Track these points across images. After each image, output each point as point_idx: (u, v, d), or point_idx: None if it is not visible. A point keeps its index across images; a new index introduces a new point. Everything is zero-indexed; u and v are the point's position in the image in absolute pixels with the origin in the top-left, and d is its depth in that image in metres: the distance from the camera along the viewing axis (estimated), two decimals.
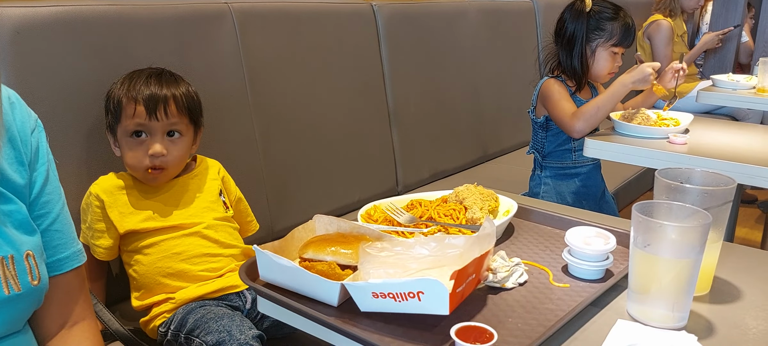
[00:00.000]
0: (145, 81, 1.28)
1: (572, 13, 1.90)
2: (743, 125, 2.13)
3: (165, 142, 1.28)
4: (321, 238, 0.92)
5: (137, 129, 1.26)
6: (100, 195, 1.28)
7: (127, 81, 1.29)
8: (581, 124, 1.80)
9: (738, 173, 1.54)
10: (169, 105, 1.27)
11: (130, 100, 1.26)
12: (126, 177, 1.32)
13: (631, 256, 0.83)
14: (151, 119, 1.26)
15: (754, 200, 3.83)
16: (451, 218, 1.09)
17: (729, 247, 1.09)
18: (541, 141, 2.00)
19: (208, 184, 1.38)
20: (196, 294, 1.27)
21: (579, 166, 1.98)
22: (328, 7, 2.01)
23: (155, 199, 1.31)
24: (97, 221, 1.28)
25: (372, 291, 0.79)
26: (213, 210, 1.35)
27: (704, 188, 0.87)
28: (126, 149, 1.28)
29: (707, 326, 0.84)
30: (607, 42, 1.88)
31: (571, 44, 1.90)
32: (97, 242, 1.29)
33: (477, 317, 0.84)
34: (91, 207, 1.29)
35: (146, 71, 1.32)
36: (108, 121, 1.32)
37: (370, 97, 2.17)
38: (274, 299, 0.86)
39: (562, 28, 1.92)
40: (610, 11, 1.88)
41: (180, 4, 1.59)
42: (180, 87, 1.32)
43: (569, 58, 1.90)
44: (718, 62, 3.94)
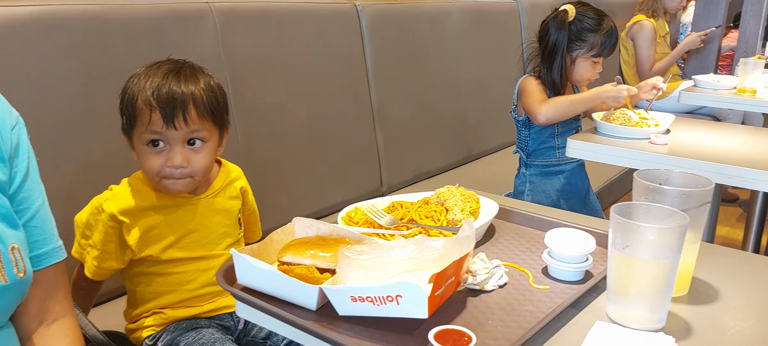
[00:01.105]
0: (162, 79, 1.12)
1: (555, 23, 1.90)
2: (724, 126, 2.15)
3: (186, 151, 1.13)
4: (300, 241, 0.91)
5: (154, 139, 1.13)
6: (118, 216, 1.15)
7: (142, 78, 1.13)
8: (550, 110, 1.81)
9: (718, 173, 1.56)
10: (189, 111, 1.11)
11: (145, 105, 1.10)
12: (143, 189, 1.19)
13: (610, 257, 0.83)
14: (169, 128, 1.11)
15: (736, 199, 3.87)
16: (432, 220, 1.09)
17: (708, 247, 1.10)
18: (524, 139, 2.01)
19: (229, 205, 1.26)
20: (189, 314, 1.22)
21: (563, 164, 1.99)
22: (311, 7, 2.00)
23: (175, 220, 1.19)
24: (108, 242, 1.16)
25: (350, 295, 0.79)
26: (229, 235, 1.25)
27: (682, 189, 0.87)
28: (142, 158, 1.15)
29: (685, 327, 0.84)
30: (587, 53, 1.88)
31: (552, 56, 1.90)
32: (104, 265, 1.17)
33: (456, 319, 0.84)
34: (103, 226, 1.15)
35: (165, 66, 1.15)
36: (123, 123, 1.17)
37: (354, 98, 2.17)
38: (252, 303, 0.85)
39: (545, 36, 1.93)
40: (593, 22, 1.88)
41: (160, 3, 1.57)
42: (200, 83, 1.15)
43: (550, 70, 1.91)
44: (699, 63, 3.98)
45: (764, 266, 1.06)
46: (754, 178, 1.52)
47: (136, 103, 1.12)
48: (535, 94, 1.87)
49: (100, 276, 1.20)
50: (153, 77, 1.12)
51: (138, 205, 1.17)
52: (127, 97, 1.14)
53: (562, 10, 1.91)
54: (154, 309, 1.22)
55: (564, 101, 1.83)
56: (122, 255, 1.18)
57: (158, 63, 1.17)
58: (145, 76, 1.13)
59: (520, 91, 1.94)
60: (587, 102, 1.84)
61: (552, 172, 2.01)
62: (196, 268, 1.21)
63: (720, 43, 4.01)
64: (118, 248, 1.17)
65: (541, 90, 1.89)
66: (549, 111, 1.81)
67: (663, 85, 1.93)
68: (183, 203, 1.20)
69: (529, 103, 1.86)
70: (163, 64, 1.16)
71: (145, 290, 1.22)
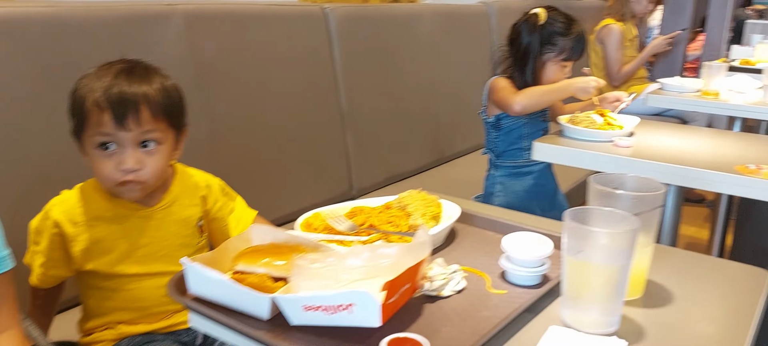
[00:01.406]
0: (112, 79, 1.06)
1: (527, 26, 1.92)
2: (687, 129, 2.18)
3: (138, 154, 1.08)
4: (254, 249, 0.90)
5: (104, 141, 1.07)
6: (61, 224, 1.11)
7: (92, 78, 1.08)
8: (524, 98, 1.83)
9: (679, 175, 1.57)
10: (141, 111, 1.06)
11: (94, 106, 1.05)
12: (94, 197, 1.14)
13: (563, 262, 0.84)
14: (119, 129, 1.05)
15: (702, 200, 3.93)
16: (393, 225, 1.08)
17: (664, 250, 1.11)
18: (494, 141, 2.02)
19: (187, 213, 1.20)
20: (144, 329, 1.18)
21: (532, 165, 2.00)
22: (278, 10, 1.98)
23: (126, 232, 1.14)
24: (53, 249, 1.12)
25: (303, 304, 0.78)
26: (188, 246, 1.20)
27: (634, 194, 0.88)
28: (94, 162, 1.09)
29: (638, 331, 0.84)
30: (557, 56, 1.91)
31: (525, 59, 1.92)
32: (49, 272, 1.14)
33: (411, 327, 0.84)
34: (48, 233, 1.12)
35: (117, 65, 1.10)
36: (72, 126, 1.11)
37: (322, 100, 2.16)
38: (204, 314, 0.84)
39: (517, 39, 1.94)
40: (562, 26, 1.90)
41: (122, 5, 1.55)
42: (154, 83, 1.09)
43: (522, 72, 1.93)
44: (667, 65, 4.04)
45: (719, 267, 1.08)
46: (715, 180, 1.54)
47: (85, 104, 1.06)
48: (508, 88, 1.90)
49: (47, 283, 1.17)
50: (104, 77, 1.07)
51: (86, 213, 1.12)
52: (76, 99, 1.09)
53: (533, 14, 1.93)
54: (108, 323, 1.18)
55: (537, 90, 1.86)
56: (69, 264, 1.14)
57: (111, 63, 1.11)
58: (95, 77, 1.08)
59: (491, 90, 1.95)
60: (558, 92, 1.86)
61: (521, 173, 2.02)
62: (152, 284, 1.16)
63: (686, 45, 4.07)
64: (64, 257, 1.14)
65: (511, 85, 1.91)
66: (524, 99, 1.83)
67: (627, 98, 1.96)
68: (134, 214, 1.15)
69: (503, 96, 1.87)
70: (115, 64, 1.11)
71: (98, 304, 1.18)
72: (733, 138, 1.96)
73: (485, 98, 2.00)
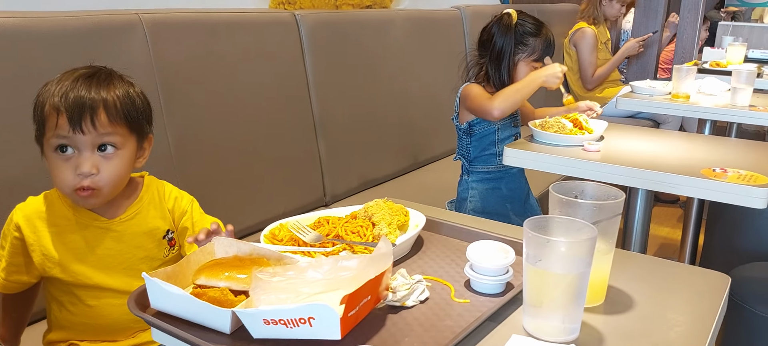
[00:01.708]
0: (72, 83, 1.06)
1: (501, 27, 1.94)
2: (656, 132, 2.21)
3: (95, 158, 1.07)
4: (216, 262, 0.90)
5: (61, 143, 1.06)
6: (22, 228, 1.10)
7: (53, 83, 1.08)
8: (500, 102, 1.84)
9: (647, 179, 1.59)
10: (98, 114, 1.05)
11: (52, 109, 1.05)
12: (56, 204, 1.14)
13: (524, 271, 0.84)
14: (76, 132, 1.04)
15: (676, 200, 3.98)
16: (358, 235, 1.08)
17: (627, 256, 1.12)
18: (466, 147, 2.03)
19: (152, 225, 1.18)
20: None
21: (504, 170, 2.02)
22: (247, 17, 1.98)
23: (85, 239, 1.13)
24: (15, 254, 1.12)
25: (263, 318, 0.78)
26: (152, 259, 1.18)
27: (594, 202, 0.89)
28: (51, 167, 1.08)
29: (598, 338, 0.85)
30: (528, 57, 1.94)
31: (500, 59, 1.95)
32: (11, 277, 1.14)
33: (374, 338, 0.84)
34: (10, 236, 1.12)
35: (80, 71, 1.10)
36: (35, 131, 1.10)
37: (294, 107, 2.15)
38: (165, 329, 0.83)
39: (490, 40, 1.96)
40: (533, 27, 1.94)
41: (86, 14, 1.53)
42: (116, 89, 1.08)
43: (498, 71, 1.95)
44: (640, 68, 4.09)
45: (681, 273, 1.09)
46: (681, 183, 1.56)
47: (44, 108, 1.06)
48: (482, 95, 1.91)
49: (9, 289, 1.16)
50: (64, 82, 1.07)
51: (47, 219, 1.12)
52: (37, 103, 1.08)
53: (506, 14, 1.95)
54: (70, 339, 1.17)
55: (511, 90, 1.87)
56: (31, 270, 1.14)
57: (75, 69, 1.11)
58: (57, 82, 1.08)
59: (463, 97, 1.96)
60: (529, 85, 1.88)
61: (493, 178, 2.03)
62: (114, 302, 1.15)
63: (659, 48, 4.12)
64: (25, 262, 1.13)
65: (484, 91, 1.92)
66: (500, 103, 1.85)
67: (599, 109, 1.99)
68: (94, 223, 1.14)
69: (479, 104, 1.89)
70: (78, 70, 1.10)
71: (60, 317, 1.17)
72: (702, 141, 1.99)
73: (457, 105, 2.01)
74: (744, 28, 4.50)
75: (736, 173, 1.54)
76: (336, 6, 2.52)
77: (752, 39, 4.29)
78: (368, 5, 2.66)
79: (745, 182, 1.46)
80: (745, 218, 2.46)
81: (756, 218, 2.42)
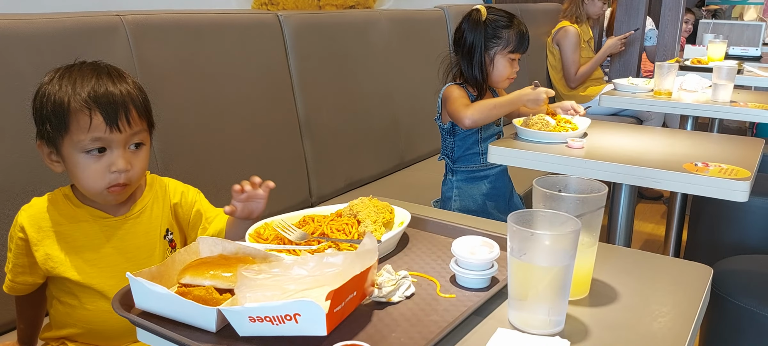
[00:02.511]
0: (94, 81, 1.04)
1: (470, 23, 1.96)
2: (639, 128, 2.23)
3: (127, 154, 1.07)
4: (201, 261, 0.89)
5: (98, 145, 1.05)
6: (26, 229, 1.09)
7: (65, 81, 1.04)
8: (475, 113, 1.85)
9: (630, 174, 1.61)
10: (130, 111, 1.05)
11: (82, 109, 1.02)
12: (62, 204, 1.12)
13: (509, 265, 0.85)
14: (113, 131, 1.04)
15: (660, 197, 4.02)
16: (343, 233, 1.08)
17: (611, 249, 1.13)
18: (449, 146, 2.04)
19: (155, 223, 1.18)
20: None
21: (487, 169, 2.03)
22: (231, 18, 1.97)
23: (90, 239, 1.12)
24: (19, 254, 1.11)
25: (249, 315, 0.77)
26: (155, 261, 1.16)
27: (577, 196, 0.89)
28: (79, 168, 1.06)
29: (582, 330, 0.86)
30: (504, 49, 1.94)
31: (471, 54, 1.96)
32: (17, 279, 1.13)
33: (360, 334, 0.84)
34: (15, 237, 1.11)
35: (85, 68, 1.07)
36: (43, 132, 1.07)
37: (279, 108, 2.15)
38: (150, 329, 0.83)
39: (461, 38, 1.97)
40: (505, 20, 1.95)
41: (67, 16, 1.52)
42: (130, 83, 1.09)
43: (470, 67, 1.96)
44: (622, 66, 4.12)
45: (664, 265, 1.10)
46: (664, 178, 1.57)
47: (68, 107, 1.03)
48: (460, 100, 1.91)
49: (17, 291, 1.14)
50: (79, 79, 1.04)
51: (51, 219, 1.10)
52: (50, 103, 1.04)
53: (474, 10, 1.97)
54: (64, 338, 1.16)
55: (488, 104, 1.88)
56: (35, 270, 1.12)
57: (70, 66, 1.08)
58: (67, 79, 1.05)
59: (444, 99, 1.97)
60: (509, 105, 1.89)
61: (477, 177, 2.04)
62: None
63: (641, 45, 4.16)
64: (30, 263, 1.11)
65: (464, 96, 1.93)
66: (474, 114, 1.85)
67: (582, 109, 2.01)
68: (100, 222, 1.13)
69: (454, 109, 1.89)
70: (81, 66, 1.08)
71: (58, 314, 1.16)
72: (684, 137, 2.01)
73: (439, 105, 2.01)
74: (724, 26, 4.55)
75: (717, 166, 1.56)
76: (319, 6, 2.52)
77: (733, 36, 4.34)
78: (351, 5, 2.66)
79: (727, 176, 1.48)
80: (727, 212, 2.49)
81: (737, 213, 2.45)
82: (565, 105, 2.03)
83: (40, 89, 1.07)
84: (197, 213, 1.24)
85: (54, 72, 1.08)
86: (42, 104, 1.06)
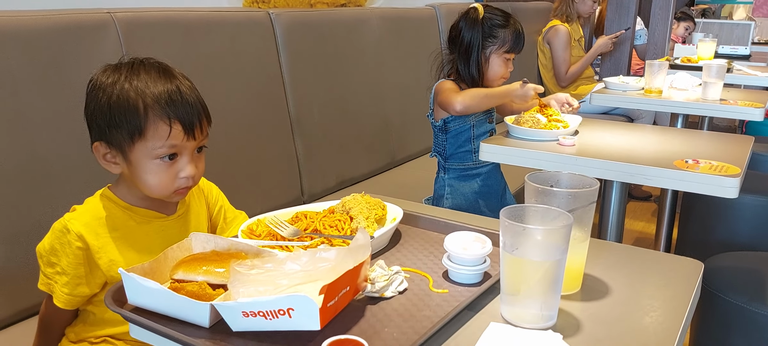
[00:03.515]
0: (168, 85, 1.04)
1: (467, 21, 1.96)
2: (630, 126, 2.24)
3: (196, 159, 1.10)
4: (193, 257, 0.89)
5: (173, 153, 1.06)
6: (85, 236, 1.06)
7: (136, 83, 1.03)
8: (466, 98, 1.85)
9: (621, 171, 1.62)
10: (202, 119, 1.08)
11: (163, 116, 1.02)
12: (110, 208, 1.10)
13: (502, 259, 0.85)
14: (188, 139, 1.06)
15: (649, 197, 4.04)
16: (336, 229, 1.08)
17: (603, 245, 1.14)
18: (442, 144, 2.04)
19: (201, 218, 1.21)
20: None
21: (480, 167, 2.03)
22: (222, 16, 1.96)
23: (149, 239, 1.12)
24: (78, 265, 1.06)
25: (242, 310, 0.77)
26: None
27: (569, 191, 0.90)
28: (148, 173, 1.06)
29: (574, 324, 0.86)
30: (499, 49, 1.94)
31: (468, 52, 1.96)
32: (76, 291, 1.07)
33: (353, 329, 0.84)
34: (70, 248, 1.06)
35: (150, 69, 1.06)
36: (106, 134, 1.05)
37: (270, 106, 2.14)
38: (143, 325, 0.82)
39: (458, 36, 1.97)
40: (501, 19, 1.95)
41: (56, 13, 1.51)
42: (194, 87, 1.10)
43: (467, 66, 1.96)
44: (613, 65, 4.14)
45: (656, 260, 1.11)
46: (655, 175, 1.58)
47: (145, 113, 1.03)
48: (451, 89, 1.92)
49: (73, 305, 1.10)
50: (150, 82, 1.04)
51: (108, 224, 1.09)
52: (121, 107, 1.03)
53: (471, 9, 1.97)
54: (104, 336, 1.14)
55: (480, 92, 1.88)
56: (93, 279, 1.09)
57: (132, 66, 1.06)
58: (136, 80, 1.03)
59: (436, 93, 1.97)
60: (500, 97, 1.89)
61: (470, 175, 2.04)
62: None
63: (631, 44, 4.18)
64: (89, 272, 1.08)
65: (455, 87, 1.93)
66: (466, 99, 1.85)
67: (575, 102, 2.01)
68: (154, 222, 1.14)
69: (445, 97, 1.89)
70: (145, 66, 1.07)
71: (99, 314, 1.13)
72: (675, 134, 2.03)
73: (432, 102, 2.02)
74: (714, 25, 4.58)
75: (708, 163, 1.57)
76: (310, 4, 2.52)
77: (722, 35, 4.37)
78: (343, 3, 2.66)
79: (717, 172, 1.49)
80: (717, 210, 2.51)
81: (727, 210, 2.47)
82: (560, 97, 2.02)
83: (99, 89, 1.05)
84: (220, 210, 1.27)
85: (113, 71, 1.06)
86: (109, 107, 1.04)
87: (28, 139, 1.42)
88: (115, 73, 1.06)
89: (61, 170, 1.48)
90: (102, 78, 1.06)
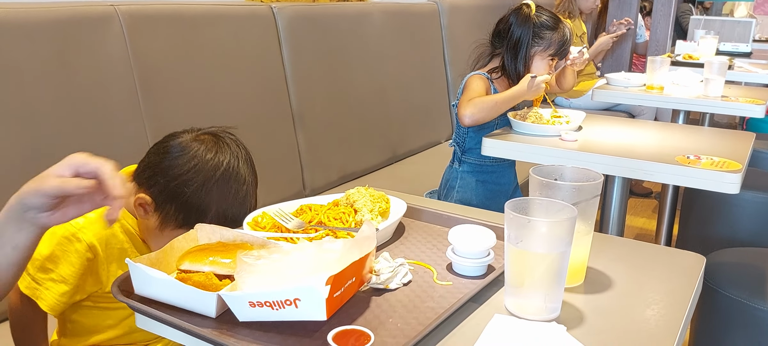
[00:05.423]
0: (239, 207, 1.16)
1: (519, 18, 1.93)
2: (632, 122, 2.25)
3: None
4: (200, 248, 0.90)
5: None
6: (97, 247, 1.08)
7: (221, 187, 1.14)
8: (475, 111, 1.82)
9: (622, 166, 1.63)
10: None
11: (219, 218, 1.12)
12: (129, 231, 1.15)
13: (506, 252, 0.86)
14: None
15: (650, 194, 4.05)
16: (340, 222, 1.09)
17: (605, 239, 1.15)
18: (462, 136, 2.00)
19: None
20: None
21: (495, 165, 2.01)
22: (225, 9, 1.97)
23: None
24: (83, 275, 1.08)
25: (249, 300, 0.78)
26: None
27: (573, 184, 0.90)
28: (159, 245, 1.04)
29: (578, 316, 0.87)
30: (544, 50, 1.92)
31: (517, 48, 1.92)
32: (71, 299, 1.09)
33: (358, 319, 0.84)
34: (78, 257, 1.07)
35: (239, 177, 1.18)
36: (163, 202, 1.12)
37: (272, 100, 2.15)
38: (150, 314, 0.83)
39: (508, 31, 1.95)
40: (551, 21, 1.92)
41: (60, 6, 1.51)
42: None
43: (514, 61, 1.93)
44: (614, 61, 4.14)
45: (658, 254, 1.12)
46: (656, 170, 1.59)
47: (204, 218, 1.10)
48: (469, 94, 1.88)
49: (61, 310, 1.11)
50: (229, 196, 1.14)
51: (118, 238, 1.13)
52: (197, 201, 1.12)
53: (524, 5, 1.94)
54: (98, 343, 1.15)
55: (489, 101, 1.84)
56: (86, 288, 1.11)
57: (227, 173, 1.15)
58: (223, 185, 1.13)
59: (464, 87, 1.94)
60: (511, 101, 1.86)
61: (485, 170, 2.02)
62: None
63: (633, 41, 4.18)
64: (84, 282, 1.10)
65: (479, 91, 1.89)
66: (474, 111, 1.82)
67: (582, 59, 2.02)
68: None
69: (462, 100, 1.87)
70: (239, 172, 1.17)
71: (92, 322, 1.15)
72: (677, 130, 2.03)
73: (460, 92, 1.98)
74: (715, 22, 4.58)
75: (709, 159, 1.57)
76: None
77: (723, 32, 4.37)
78: None
79: (718, 168, 1.50)
80: (718, 206, 2.51)
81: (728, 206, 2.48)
82: (573, 50, 2.01)
83: (193, 170, 1.12)
84: None
85: (215, 154, 1.15)
86: (190, 193, 1.11)
87: (32, 132, 1.43)
88: (217, 156, 1.14)
89: None
90: (203, 154, 1.14)
